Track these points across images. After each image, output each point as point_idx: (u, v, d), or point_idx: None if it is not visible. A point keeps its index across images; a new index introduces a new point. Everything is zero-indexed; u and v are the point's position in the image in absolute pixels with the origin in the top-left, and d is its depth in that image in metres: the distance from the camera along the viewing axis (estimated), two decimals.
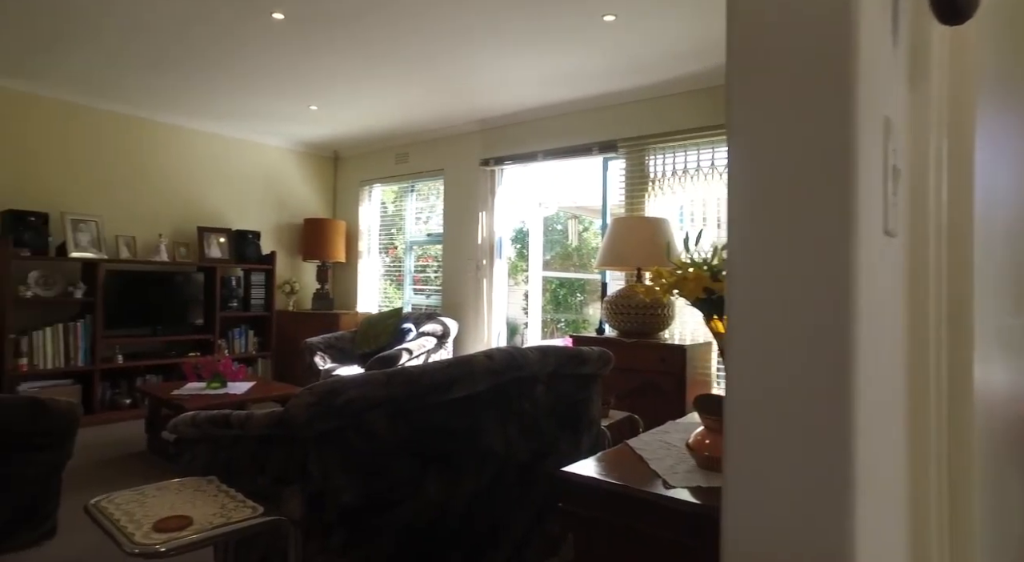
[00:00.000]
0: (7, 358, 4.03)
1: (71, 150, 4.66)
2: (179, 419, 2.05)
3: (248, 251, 5.37)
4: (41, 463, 2.35)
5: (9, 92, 4.37)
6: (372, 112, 4.96)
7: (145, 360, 4.73)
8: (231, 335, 5.27)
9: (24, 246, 4.13)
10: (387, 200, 6.22)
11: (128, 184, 4.95)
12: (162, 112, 5.04)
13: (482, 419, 1.77)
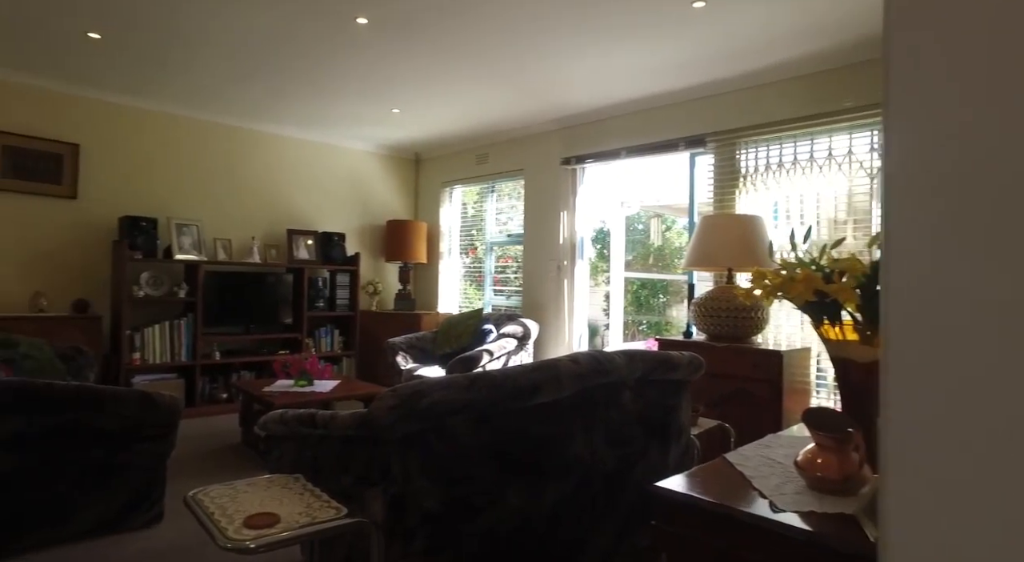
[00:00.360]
0: (124, 353, 4.38)
1: (176, 159, 5.00)
2: (268, 417, 2.12)
3: (334, 252, 5.57)
4: (149, 452, 2.51)
5: (125, 108, 4.75)
6: (453, 113, 5.01)
7: (240, 357, 5.00)
8: (318, 334, 5.48)
9: (137, 249, 4.47)
10: (468, 201, 6.28)
11: (224, 189, 5.26)
12: (254, 121, 5.32)
13: (567, 426, 1.71)
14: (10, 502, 2.25)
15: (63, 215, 4.52)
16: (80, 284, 4.59)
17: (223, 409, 4.77)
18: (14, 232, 4.33)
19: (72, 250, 4.55)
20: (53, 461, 2.32)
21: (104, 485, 2.43)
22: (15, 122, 4.32)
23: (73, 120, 4.55)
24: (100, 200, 4.66)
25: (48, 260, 4.46)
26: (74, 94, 4.54)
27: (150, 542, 2.41)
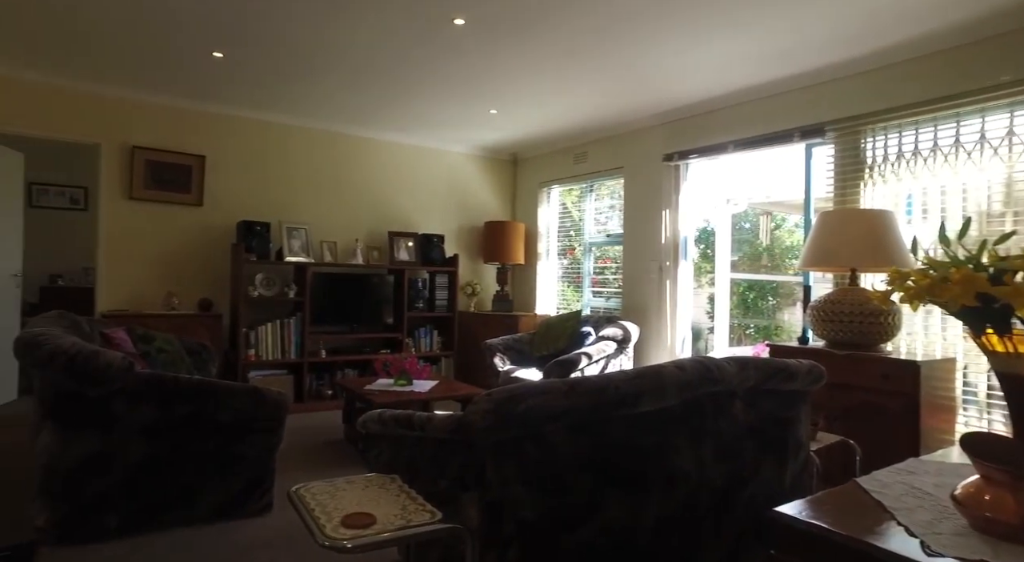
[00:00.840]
0: (241, 349, 4.70)
1: (287, 166, 5.32)
2: (368, 416, 2.16)
3: (433, 254, 5.69)
4: (260, 444, 2.65)
5: (244, 121, 5.11)
6: (550, 112, 4.97)
7: (344, 355, 5.22)
8: (417, 334, 5.62)
9: (252, 252, 4.78)
10: (566, 201, 6.21)
11: (331, 194, 5.52)
12: (358, 127, 5.55)
13: (672, 437, 1.60)
14: (148, 485, 2.45)
15: (191, 221, 4.92)
16: (205, 285, 4.98)
17: (328, 405, 5.00)
18: (153, 237, 4.77)
19: (198, 253, 4.95)
20: (181, 448, 2.50)
21: (222, 473, 2.59)
22: (155, 139, 4.77)
23: (200, 134, 4.95)
24: (221, 206, 5.04)
25: (178, 263, 4.88)
26: (201, 110, 4.94)
27: (261, 530, 2.54)
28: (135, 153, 4.67)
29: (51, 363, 2.29)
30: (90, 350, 2.33)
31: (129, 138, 4.69)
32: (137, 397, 2.40)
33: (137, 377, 2.41)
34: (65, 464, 2.35)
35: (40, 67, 4.20)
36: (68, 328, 2.86)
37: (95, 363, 2.29)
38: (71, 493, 2.36)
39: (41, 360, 2.31)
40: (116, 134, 4.65)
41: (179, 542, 2.41)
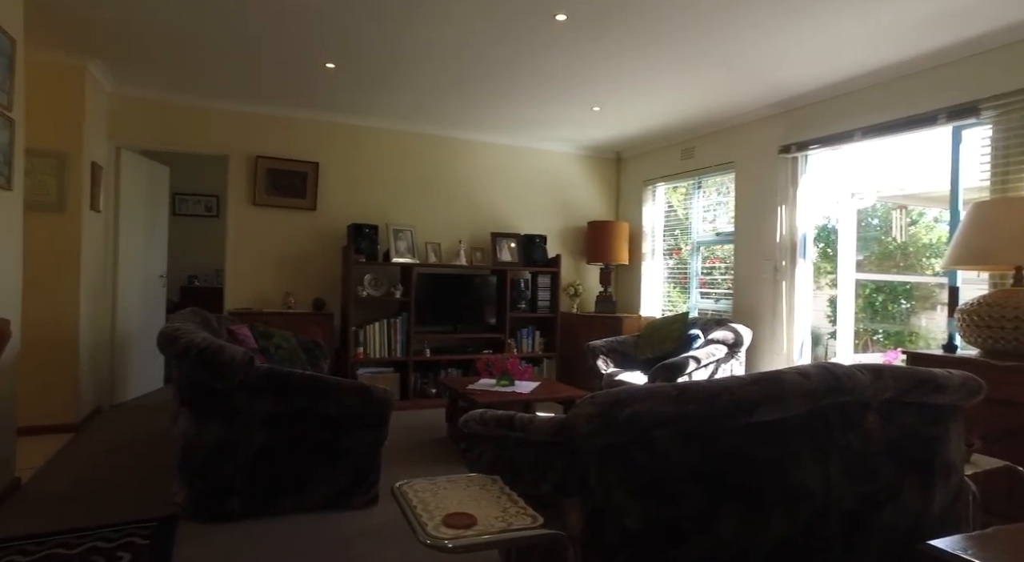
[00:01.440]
0: (350, 347, 4.93)
1: (394, 170, 5.53)
2: (469, 416, 2.17)
3: (535, 254, 5.69)
4: (367, 439, 2.75)
5: (354, 128, 5.37)
6: (656, 107, 4.81)
7: (447, 355, 5.34)
8: (519, 335, 5.64)
9: (361, 253, 5.01)
10: (671, 199, 6.00)
11: (435, 196, 5.67)
12: (461, 129, 5.66)
13: (793, 450, 1.46)
14: (266, 472, 2.61)
15: (306, 225, 5.24)
16: (318, 285, 5.28)
17: (431, 403, 5.13)
18: (272, 240, 5.13)
19: (312, 255, 5.26)
20: (294, 440, 2.64)
21: (331, 466, 2.71)
22: (274, 148, 5.12)
23: (314, 142, 5.26)
24: (333, 210, 5.32)
25: (294, 264, 5.21)
26: (315, 119, 5.25)
27: (367, 522, 2.63)
28: (258, 162, 5.04)
29: (185, 356, 2.50)
30: (217, 345, 2.52)
31: (253, 148, 5.07)
32: (256, 390, 2.57)
33: (256, 371, 2.57)
34: (198, 448, 2.55)
35: (178, 89, 4.64)
36: (200, 324, 3.12)
37: (221, 357, 2.47)
38: (203, 475, 2.56)
39: (177, 353, 2.53)
40: (241, 145, 5.05)
41: (293, 528, 2.55)
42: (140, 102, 4.75)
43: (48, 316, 4.01)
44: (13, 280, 2.89)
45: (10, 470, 2.97)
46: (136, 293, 5.06)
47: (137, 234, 5.07)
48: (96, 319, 4.51)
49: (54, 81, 4.03)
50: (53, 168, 4.01)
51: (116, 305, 4.76)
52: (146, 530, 2.48)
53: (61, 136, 4.04)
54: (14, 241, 2.90)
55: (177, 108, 4.85)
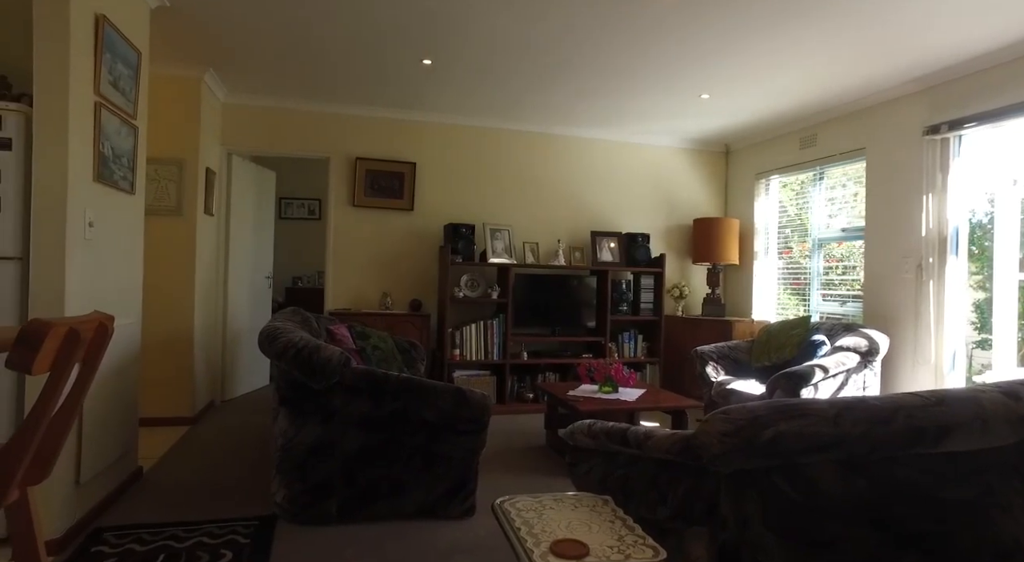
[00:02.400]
0: (446, 348, 4.90)
1: (489, 168, 5.46)
2: (576, 427, 1.99)
3: (638, 254, 5.43)
4: (463, 446, 2.64)
5: (450, 127, 5.36)
6: (773, 91, 4.42)
7: (545, 358, 5.19)
8: (620, 339, 5.39)
9: (458, 254, 4.97)
10: (788, 193, 5.53)
11: (532, 194, 5.55)
12: (558, 125, 5.50)
13: (995, 491, 1.17)
14: (362, 475, 2.57)
15: (403, 225, 5.28)
16: (415, 286, 5.30)
17: (529, 408, 5.00)
18: (371, 241, 5.21)
19: (409, 256, 5.29)
20: (390, 443, 2.58)
21: (427, 472, 2.62)
22: (373, 149, 5.20)
23: (411, 142, 5.29)
24: (430, 210, 5.32)
25: (392, 265, 5.25)
26: (411, 120, 5.28)
27: (463, 535, 2.51)
28: (357, 164, 5.13)
29: (283, 355, 2.50)
30: (314, 345, 2.51)
31: (352, 150, 5.17)
32: (353, 391, 2.53)
33: (353, 372, 2.53)
34: (295, 448, 2.55)
35: (283, 95, 4.81)
36: (300, 324, 3.15)
37: (318, 357, 2.45)
38: (301, 475, 2.55)
39: (276, 352, 2.53)
40: (342, 147, 5.16)
41: (388, 535, 2.48)
42: (248, 109, 4.96)
43: (167, 315, 4.26)
44: (134, 280, 3.04)
45: (133, 460, 3.13)
46: (245, 293, 5.30)
47: (246, 236, 5.31)
48: (209, 318, 4.75)
49: (174, 92, 4.27)
50: (173, 174, 4.26)
51: (227, 305, 5.00)
52: (247, 528, 2.50)
53: (179, 144, 4.28)
54: (135, 243, 3.04)
55: (282, 114, 5.03)
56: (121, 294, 2.86)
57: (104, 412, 2.68)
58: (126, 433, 2.99)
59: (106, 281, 2.69)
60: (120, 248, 2.85)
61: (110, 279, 2.73)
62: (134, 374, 3.05)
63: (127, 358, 2.94)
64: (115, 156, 2.73)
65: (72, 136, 2.35)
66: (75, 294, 2.39)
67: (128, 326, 2.94)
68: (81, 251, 2.44)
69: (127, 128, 2.86)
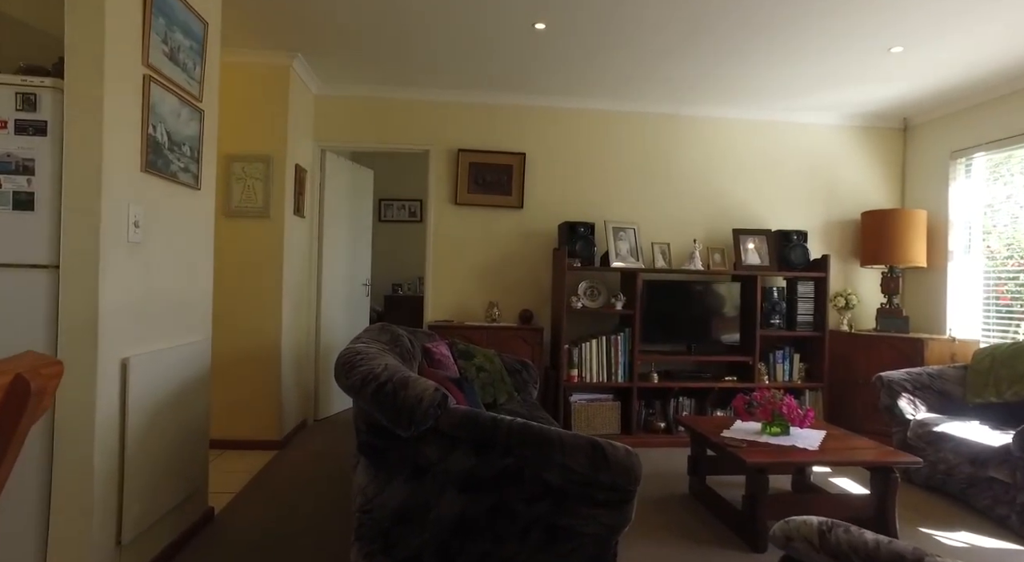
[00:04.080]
0: (562, 368, 4.23)
1: (609, 157, 4.74)
2: (791, 527, 1.26)
3: (792, 256, 4.49)
4: (600, 521, 1.95)
5: (562, 111, 4.70)
6: (988, 37, 3.39)
7: (679, 381, 4.38)
8: (771, 358, 4.48)
9: (575, 257, 4.29)
10: (997, 175, 4.36)
11: (661, 187, 4.77)
12: (691, 104, 4.69)
13: None
14: (461, 552, 1.95)
15: (511, 225, 4.68)
16: (525, 294, 4.68)
17: (660, 440, 4.22)
18: (475, 243, 4.65)
19: (519, 260, 4.68)
20: (501, 511, 1.95)
21: (548, 550, 1.96)
22: (477, 139, 4.65)
23: (520, 130, 4.69)
24: (542, 208, 4.69)
25: (499, 270, 4.67)
26: (519, 104, 4.67)
27: None
28: (460, 156, 4.60)
29: (361, 390, 1.94)
30: (400, 378, 1.92)
31: (454, 141, 4.65)
32: (451, 440, 1.92)
33: (451, 415, 1.92)
34: (378, 511, 1.97)
35: (378, 82, 4.36)
36: (388, 345, 2.60)
37: (404, 396, 1.86)
38: (384, 546, 1.98)
39: (352, 386, 1.97)
40: (443, 139, 4.64)
41: None
42: (341, 101, 4.57)
43: (253, 328, 3.90)
44: (201, 291, 2.62)
45: (203, 500, 2.72)
46: (340, 302, 4.91)
47: (341, 241, 4.93)
48: (300, 329, 4.38)
49: (260, 81, 3.92)
50: (260, 172, 3.90)
51: (320, 315, 4.62)
52: None
53: (266, 139, 3.92)
54: (202, 248, 2.63)
55: (376, 104, 4.59)
56: (182, 308, 2.44)
57: (158, 453, 2.25)
58: (193, 470, 2.56)
59: (160, 292, 2.26)
60: (181, 253, 2.42)
61: (166, 290, 2.30)
62: (202, 402, 2.63)
63: (192, 383, 2.51)
64: (172, 143, 2.30)
65: (109, 114, 1.91)
66: (115, 309, 1.95)
67: (192, 346, 2.51)
68: (123, 256, 2.00)
69: (190, 111, 2.43)
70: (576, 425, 4.25)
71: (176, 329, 2.39)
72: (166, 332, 2.31)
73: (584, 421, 4.27)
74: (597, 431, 4.26)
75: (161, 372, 2.23)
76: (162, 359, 2.23)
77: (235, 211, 3.89)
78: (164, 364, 2.25)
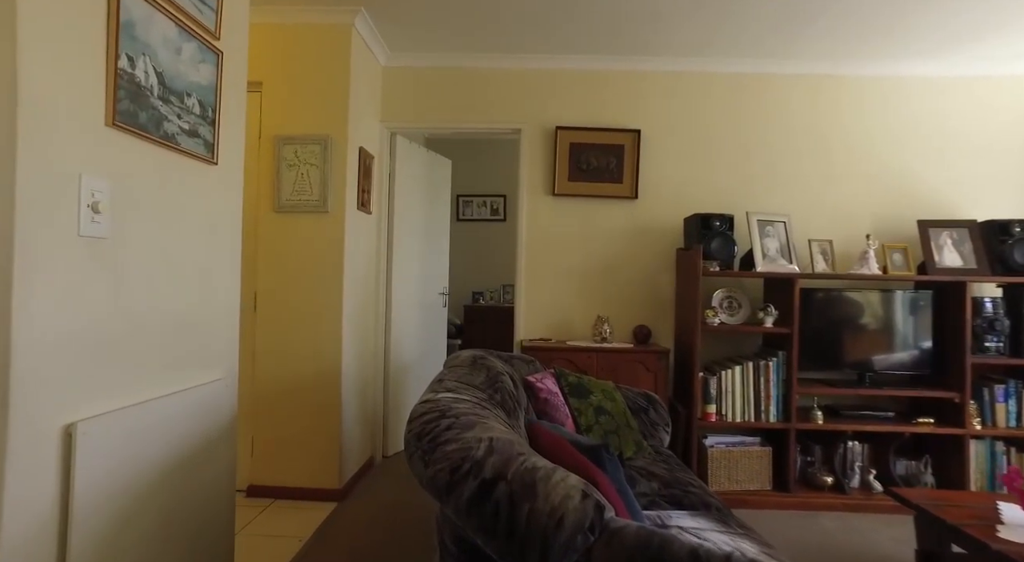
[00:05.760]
0: (695, 402, 3.28)
1: (745, 131, 3.75)
2: None
3: (1011, 255, 3.35)
4: None
5: (684, 75, 3.76)
6: None
7: (849, 421, 3.33)
8: (985, 395, 3.34)
9: (711, 258, 3.34)
10: None
11: (815, 167, 3.73)
12: (853, 60, 3.63)
13: None
14: None
15: (623, 219, 3.77)
16: (639, 306, 3.76)
17: (829, 501, 3.20)
18: (578, 243, 3.78)
19: (631, 263, 3.77)
20: None
21: None
22: (580, 115, 3.78)
23: (632, 102, 3.78)
24: (660, 197, 3.76)
25: (607, 276, 3.77)
26: (632, 70, 3.77)
27: None
28: (558, 136, 3.74)
29: (450, 492, 1.10)
30: (522, 475, 1.07)
31: (551, 118, 3.79)
32: None
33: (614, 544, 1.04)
34: None
35: (458, 49, 3.57)
36: (487, 388, 1.75)
37: (529, 513, 1.00)
38: None
39: (435, 481, 1.14)
40: (536, 114, 3.80)
41: None
42: (413, 73, 3.81)
43: (306, 348, 3.18)
44: (222, 309, 1.87)
45: None
46: (413, 315, 4.15)
47: (415, 242, 4.17)
48: (364, 349, 3.63)
49: (314, 44, 3.21)
50: (315, 157, 3.18)
51: (389, 330, 3.87)
52: None
53: (323, 115, 3.20)
54: (225, 248, 1.88)
55: (456, 76, 3.80)
56: (186, 335, 1.68)
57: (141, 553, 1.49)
58: (215, 550, 1.81)
59: (144, 314, 1.50)
60: (185, 256, 1.67)
61: (156, 311, 1.55)
62: (222, 461, 1.87)
63: (204, 441, 1.75)
64: (168, 91, 1.55)
65: (31, 18, 1.16)
66: (51, 345, 1.20)
67: (205, 389, 1.75)
68: (70, 258, 1.25)
69: (198, 48, 1.68)
70: (714, 478, 3.28)
71: (176, 367, 1.64)
72: (156, 373, 1.55)
73: (724, 472, 3.30)
74: (741, 485, 3.29)
75: (144, 436, 1.47)
76: (145, 417, 1.47)
77: (286, 205, 3.18)
78: (148, 424, 1.49)
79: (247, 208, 3.23)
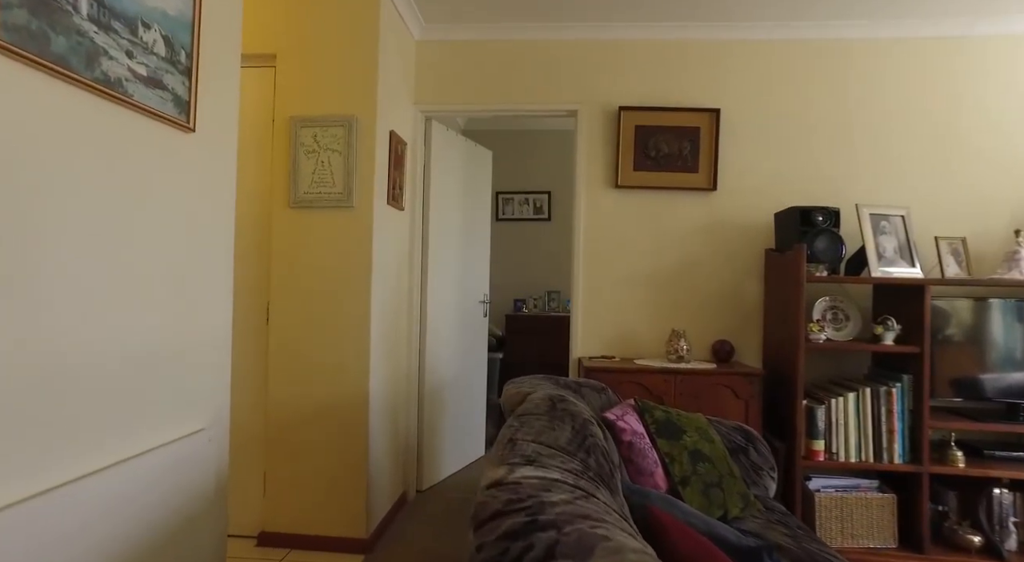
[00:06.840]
0: (797, 437, 2.68)
1: (848, 108, 3.14)
2: None
3: None
4: None
5: (771, 45, 3.17)
6: None
7: (997, 463, 2.70)
8: None
9: (816, 261, 2.74)
10: None
11: (939, 151, 3.10)
12: (988, 18, 3.00)
13: None
14: None
15: (699, 214, 3.20)
16: (719, 318, 3.17)
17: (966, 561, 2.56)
18: (645, 242, 3.22)
19: (709, 266, 3.19)
20: None
21: None
22: (647, 93, 3.23)
23: (710, 76, 3.21)
24: (744, 188, 3.18)
25: (680, 281, 3.20)
26: (710, 39, 3.20)
27: None
28: (622, 117, 3.18)
29: None
30: None
31: (613, 97, 3.24)
32: None
33: None
34: None
35: (499, 18, 3.05)
36: (577, 451, 1.21)
37: None
38: None
39: None
40: (595, 93, 3.26)
41: None
42: (451, 48, 3.30)
43: (326, 370, 2.67)
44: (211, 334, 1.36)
45: None
46: (450, 327, 3.63)
47: (452, 243, 3.65)
48: (395, 367, 3.12)
49: (337, 13, 2.71)
50: (339, 142, 2.68)
51: (424, 344, 3.35)
52: None
53: (348, 93, 2.70)
54: (215, 248, 1.37)
55: (502, 49, 3.28)
56: (147, 374, 1.17)
57: None
58: None
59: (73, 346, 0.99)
60: (147, 262, 1.16)
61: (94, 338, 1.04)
62: (208, 534, 1.36)
63: (185, 510, 1.24)
64: (107, 13, 1.05)
65: None
66: None
67: (183, 444, 1.24)
68: None
69: None
70: (824, 530, 2.68)
71: (131, 421, 1.13)
72: (100, 433, 1.04)
73: (836, 524, 2.69)
74: (859, 542, 2.67)
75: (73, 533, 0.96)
76: (76, 505, 0.96)
77: (304, 199, 2.69)
78: (81, 515, 0.97)
79: (258, 204, 2.75)
